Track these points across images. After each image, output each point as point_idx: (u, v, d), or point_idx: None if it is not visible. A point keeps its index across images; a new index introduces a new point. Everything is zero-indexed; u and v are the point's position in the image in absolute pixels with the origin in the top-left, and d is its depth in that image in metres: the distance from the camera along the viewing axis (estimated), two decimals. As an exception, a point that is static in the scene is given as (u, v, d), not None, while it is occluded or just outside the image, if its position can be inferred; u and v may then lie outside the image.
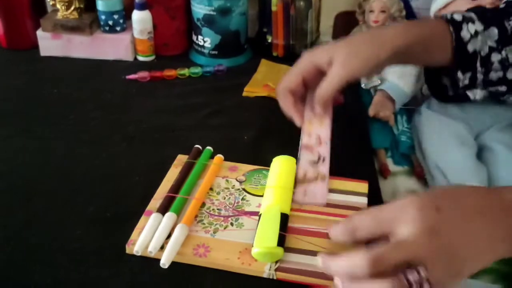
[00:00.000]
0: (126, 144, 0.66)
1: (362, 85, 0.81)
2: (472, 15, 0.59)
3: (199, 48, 0.89)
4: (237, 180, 0.58)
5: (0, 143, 0.66)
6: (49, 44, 0.88)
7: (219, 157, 0.61)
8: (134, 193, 0.57)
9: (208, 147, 0.62)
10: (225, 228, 0.51)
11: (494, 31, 0.59)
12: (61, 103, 0.75)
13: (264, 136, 0.68)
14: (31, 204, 0.55)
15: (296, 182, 0.55)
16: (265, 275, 0.47)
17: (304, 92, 0.63)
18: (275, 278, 0.47)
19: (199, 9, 0.84)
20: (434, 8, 0.82)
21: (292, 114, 0.61)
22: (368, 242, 0.42)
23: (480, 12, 0.60)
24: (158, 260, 0.47)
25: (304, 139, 0.59)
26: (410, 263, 0.38)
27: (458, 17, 0.59)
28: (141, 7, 0.85)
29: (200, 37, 0.88)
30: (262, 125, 0.71)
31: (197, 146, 0.62)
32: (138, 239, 0.49)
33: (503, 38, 0.59)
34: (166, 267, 0.47)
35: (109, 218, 0.54)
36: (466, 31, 0.58)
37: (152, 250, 0.47)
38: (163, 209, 0.52)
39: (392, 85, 0.76)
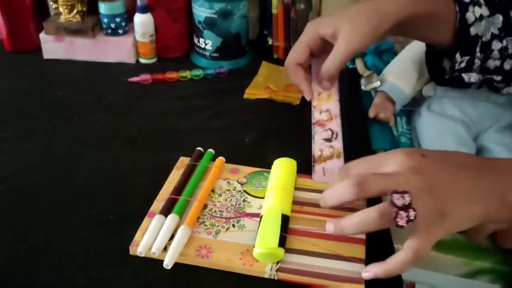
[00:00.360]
0: (128, 146, 0.67)
1: (362, 87, 0.81)
2: (481, 1, 0.59)
3: (201, 51, 0.90)
4: (238, 182, 0.59)
5: (4, 145, 0.66)
6: (52, 47, 0.89)
7: (221, 159, 0.62)
8: (137, 195, 0.58)
9: (210, 150, 0.63)
10: (226, 230, 0.52)
11: (499, 18, 0.59)
12: (64, 106, 0.76)
13: (265, 138, 0.69)
14: (35, 206, 0.56)
15: (314, 161, 0.57)
16: (266, 276, 0.47)
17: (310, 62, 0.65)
18: (276, 278, 0.47)
19: (201, 12, 0.85)
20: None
21: (304, 88, 0.63)
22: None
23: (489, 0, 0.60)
24: (161, 261, 0.48)
25: (316, 115, 0.61)
26: (395, 191, 0.41)
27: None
28: (143, 10, 0.85)
29: (201, 40, 0.88)
30: (263, 127, 0.72)
31: (199, 148, 0.63)
32: (141, 240, 0.49)
33: (507, 26, 0.59)
34: (169, 267, 0.47)
35: (112, 220, 0.54)
36: (471, 14, 0.58)
37: (155, 251, 0.48)
38: (166, 211, 0.53)
39: (392, 87, 0.77)
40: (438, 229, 0.42)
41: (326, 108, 0.61)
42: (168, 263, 0.47)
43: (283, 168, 0.58)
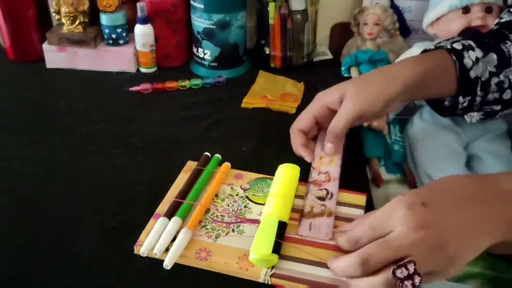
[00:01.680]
0: (130, 155, 0.69)
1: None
2: (471, 42, 0.61)
3: (200, 60, 0.92)
4: (241, 188, 0.61)
5: (9, 154, 0.68)
6: (54, 56, 0.91)
7: (227, 164, 0.64)
8: (138, 203, 0.60)
9: (217, 155, 0.65)
10: (226, 234, 0.54)
11: (493, 56, 0.61)
12: (68, 115, 0.78)
13: (262, 147, 0.71)
14: (41, 213, 0.58)
15: (302, 215, 0.55)
16: (261, 280, 0.50)
17: (317, 132, 0.66)
18: (270, 283, 0.49)
19: (199, 23, 0.87)
20: (426, 21, 0.85)
21: (300, 152, 0.64)
22: None
23: (477, 38, 0.62)
24: (163, 267, 0.50)
25: (313, 175, 0.61)
26: (400, 259, 0.41)
27: (458, 46, 0.61)
28: (144, 21, 0.88)
29: (200, 50, 0.91)
30: (260, 136, 0.74)
31: (206, 153, 0.65)
32: (145, 241, 0.52)
33: (502, 61, 0.61)
34: (169, 268, 0.49)
35: (115, 226, 0.56)
36: (468, 59, 0.60)
37: (157, 252, 0.50)
38: (170, 214, 0.55)
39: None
40: (446, 274, 0.43)
41: (325, 171, 0.61)
42: (167, 264, 0.49)
43: (285, 173, 0.60)
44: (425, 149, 0.72)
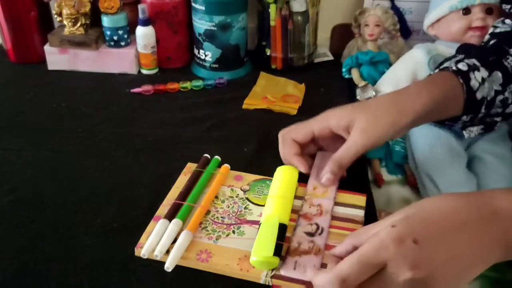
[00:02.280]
0: (131, 157, 0.69)
1: (358, 97, 0.83)
2: (475, 62, 0.60)
3: (201, 62, 0.92)
4: (241, 190, 0.61)
5: (11, 155, 0.69)
6: (56, 58, 0.92)
7: (226, 166, 0.64)
8: (139, 204, 0.60)
9: (216, 157, 0.65)
10: (227, 236, 0.54)
11: (498, 75, 0.61)
12: (69, 116, 0.78)
13: (263, 148, 0.71)
14: (43, 215, 0.58)
15: (287, 253, 0.51)
16: (261, 281, 0.50)
17: (309, 147, 0.63)
18: (270, 284, 0.50)
19: (201, 25, 0.88)
20: (427, 22, 0.86)
21: (294, 162, 0.60)
22: None
23: (480, 56, 0.61)
24: (163, 268, 0.50)
25: (304, 208, 0.57)
26: None
27: (463, 67, 0.59)
28: (145, 23, 0.88)
29: (201, 51, 0.91)
30: (261, 137, 0.74)
31: (206, 155, 0.65)
32: (146, 243, 0.52)
33: (506, 78, 0.61)
34: (170, 270, 0.50)
35: (116, 228, 0.56)
36: (475, 80, 0.59)
37: (157, 254, 0.51)
38: (170, 216, 0.55)
39: (386, 97, 0.79)
40: None
41: (317, 203, 0.57)
42: (169, 266, 0.50)
43: (284, 175, 0.60)
44: (425, 149, 0.72)
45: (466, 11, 0.79)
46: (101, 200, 0.61)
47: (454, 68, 0.60)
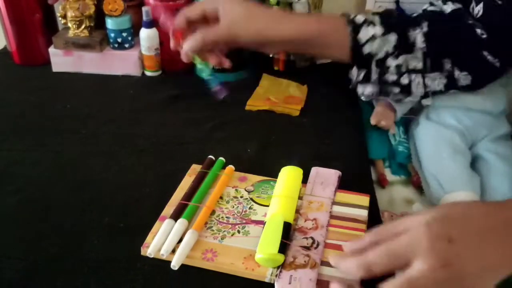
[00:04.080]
0: (135, 157, 0.69)
1: (362, 98, 0.83)
2: (376, 18, 0.62)
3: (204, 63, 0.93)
4: (246, 190, 0.61)
5: (16, 156, 0.69)
6: (60, 60, 0.92)
7: (230, 167, 0.64)
8: (144, 204, 0.60)
9: (221, 158, 0.66)
10: (232, 235, 0.54)
11: (392, 37, 0.61)
12: (74, 118, 0.79)
13: (266, 148, 0.72)
14: (49, 215, 0.59)
15: (282, 266, 0.51)
16: (266, 280, 0.50)
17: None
18: (273, 282, 0.50)
19: (204, 27, 0.88)
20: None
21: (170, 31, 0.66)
22: None
23: (385, 16, 0.63)
24: (170, 268, 0.50)
25: (300, 222, 0.56)
26: None
27: (360, 18, 0.62)
28: (149, 25, 0.88)
29: (205, 53, 0.91)
30: (264, 138, 0.74)
31: (210, 156, 0.66)
32: (152, 242, 0.52)
33: (402, 45, 0.61)
34: (176, 269, 0.50)
35: (122, 228, 0.57)
36: (364, 34, 0.61)
37: (163, 253, 0.51)
38: (175, 216, 0.56)
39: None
40: None
41: (313, 217, 0.56)
42: (175, 264, 0.50)
43: (289, 176, 0.60)
44: (429, 149, 0.72)
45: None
46: (107, 200, 0.61)
47: (350, 17, 0.62)
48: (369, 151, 0.74)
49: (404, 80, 0.63)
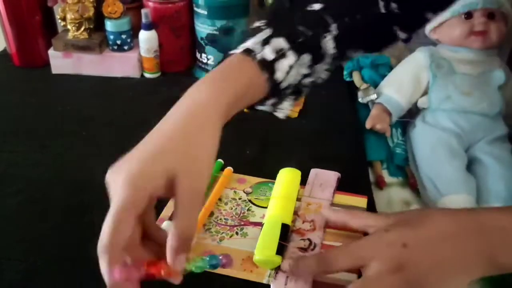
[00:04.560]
0: (135, 159, 0.69)
1: (360, 99, 0.84)
2: (283, 43, 0.51)
3: (203, 65, 0.93)
4: (244, 192, 0.62)
5: (17, 158, 0.69)
6: (60, 62, 0.92)
7: (229, 169, 0.65)
8: (144, 205, 0.60)
9: (219, 160, 0.66)
10: (230, 237, 0.55)
11: (306, 58, 0.53)
12: (73, 119, 0.79)
13: (265, 150, 0.72)
14: (49, 216, 0.59)
15: (279, 268, 0.51)
16: (264, 281, 0.50)
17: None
18: (270, 283, 0.50)
19: (203, 29, 0.89)
20: (429, 27, 0.86)
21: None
22: None
23: (292, 37, 0.52)
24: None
25: (297, 223, 0.56)
26: None
27: (270, 54, 0.50)
28: (148, 27, 0.89)
29: (203, 55, 0.92)
30: (263, 139, 0.74)
31: None
32: None
33: (316, 60, 0.54)
34: None
35: (122, 229, 0.57)
36: (280, 72, 0.51)
37: None
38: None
39: (388, 99, 0.79)
40: None
41: (311, 219, 0.57)
42: None
43: (287, 178, 0.61)
44: (426, 151, 0.73)
45: (468, 15, 0.79)
46: (107, 202, 0.61)
47: (258, 58, 0.50)
48: (367, 153, 0.74)
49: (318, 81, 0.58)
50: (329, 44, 0.54)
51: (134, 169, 0.41)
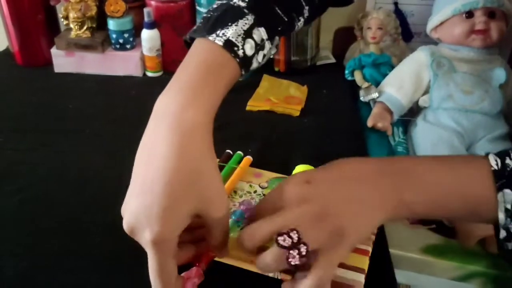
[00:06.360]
0: (138, 157, 0.70)
1: (361, 98, 0.84)
2: (263, 34, 0.50)
3: (205, 64, 0.93)
4: (260, 186, 0.62)
5: (19, 156, 0.70)
6: (63, 61, 0.93)
7: (248, 158, 0.65)
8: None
9: (239, 152, 0.66)
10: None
11: (277, 40, 0.53)
12: (76, 118, 0.80)
13: (268, 148, 0.72)
14: (52, 214, 0.59)
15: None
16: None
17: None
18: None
19: (205, 28, 0.89)
20: (430, 26, 0.87)
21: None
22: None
23: (272, 25, 0.51)
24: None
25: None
26: (279, 233, 0.41)
27: (250, 51, 0.49)
28: (150, 26, 0.89)
29: (206, 54, 0.92)
30: (265, 138, 0.75)
31: (228, 151, 0.67)
32: None
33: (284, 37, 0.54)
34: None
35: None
36: (256, 63, 0.52)
37: None
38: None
39: (390, 97, 0.80)
40: (339, 251, 0.41)
41: None
42: None
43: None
44: (427, 150, 0.73)
45: (469, 14, 0.80)
46: (110, 198, 0.61)
47: (240, 53, 0.48)
48: (368, 151, 0.74)
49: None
50: (299, 26, 0.56)
51: (158, 231, 0.43)
